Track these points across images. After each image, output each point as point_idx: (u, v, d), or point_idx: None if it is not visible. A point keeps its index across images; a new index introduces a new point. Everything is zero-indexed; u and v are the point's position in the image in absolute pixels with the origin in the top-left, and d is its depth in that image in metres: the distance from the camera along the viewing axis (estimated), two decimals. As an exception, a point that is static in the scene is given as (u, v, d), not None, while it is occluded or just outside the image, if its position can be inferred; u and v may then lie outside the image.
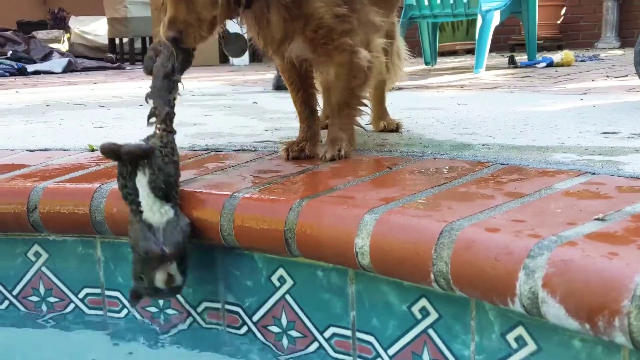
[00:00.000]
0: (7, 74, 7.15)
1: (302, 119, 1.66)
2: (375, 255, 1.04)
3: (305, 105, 1.65)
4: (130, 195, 1.18)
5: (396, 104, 2.96)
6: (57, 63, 7.85)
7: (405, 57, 2.12)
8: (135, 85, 4.85)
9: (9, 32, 8.87)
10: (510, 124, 2.11)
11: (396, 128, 2.07)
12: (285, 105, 1.94)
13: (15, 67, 7.25)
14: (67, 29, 13.04)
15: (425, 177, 1.34)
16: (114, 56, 10.51)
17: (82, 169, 1.56)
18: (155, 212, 1.16)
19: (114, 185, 1.36)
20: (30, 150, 1.87)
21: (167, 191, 1.19)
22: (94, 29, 12.34)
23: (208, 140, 1.97)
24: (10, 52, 8.03)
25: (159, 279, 1.14)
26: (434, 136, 1.94)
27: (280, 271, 1.25)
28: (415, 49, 7.07)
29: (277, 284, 1.26)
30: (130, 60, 10.76)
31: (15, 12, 14.09)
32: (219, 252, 1.31)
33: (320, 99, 1.79)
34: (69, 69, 7.79)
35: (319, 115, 1.72)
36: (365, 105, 1.67)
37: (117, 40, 11.13)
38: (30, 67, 7.46)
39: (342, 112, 1.58)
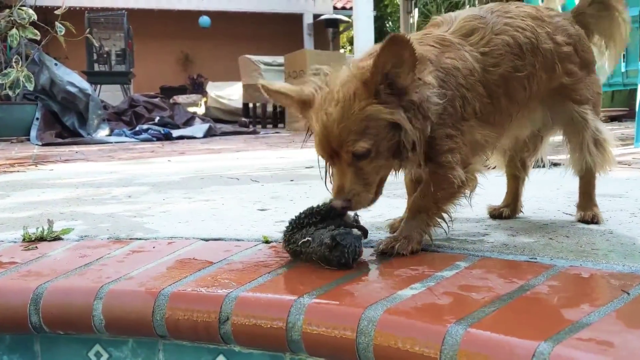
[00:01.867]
0: (154, 138, 7.61)
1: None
2: None
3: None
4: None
5: (566, 187, 2.71)
6: (198, 128, 8.27)
7: (607, 142, 1.90)
8: (277, 155, 4.91)
9: (156, 99, 9.54)
10: None
11: (591, 220, 1.92)
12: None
13: (162, 132, 7.71)
14: (204, 94, 13.91)
15: (682, 311, 1.10)
16: (247, 120, 10.96)
17: (267, 269, 1.46)
18: None
19: (311, 299, 1.25)
20: (205, 240, 1.82)
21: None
22: (229, 93, 13.05)
23: (384, 233, 1.84)
24: (157, 117, 8.59)
25: None
26: (648, 241, 1.68)
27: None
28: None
29: None
30: (262, 124, 11.18)
31: (159, 78, 15.30)
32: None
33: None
34: (209, 133, 8.17)
35: None
36: (444, 219, 1.63)
37: (250, 105, 11.64)
38: (175, 133, 7.90)
39: (418, 215, 1.59)
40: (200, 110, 13.50)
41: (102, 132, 8.10)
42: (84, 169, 4.47)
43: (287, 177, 3.48)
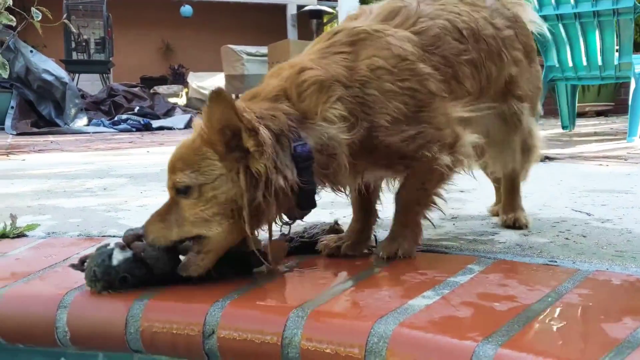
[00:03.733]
0: (134, 129, 7.37)
1: (355, 218, 1.54)
2: None
3: (360, 208, 1.53)
4: None
5: (567, 182, 2.58)
6: (179, 119, 8.04)
7: (536, 147, 1.78)
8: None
9: (136, 89, 9.26)
10: None
11: (512, 224, 1.74)
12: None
13: (142, 122, 7.47)
14: (185, 84, 13.61)
15: None
16: (229, 111, 10.71)
17: (259, 272, 1.29)
18: None
19: (311, 309, 1.08)
20: (186, 238, 1.65)
21: None
22: (211, 84, 12.75)
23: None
24: (137, 107, 8.34)
25: None
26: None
27: None
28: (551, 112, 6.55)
29: None
30: (246, 115, 10.94)
31: (140, 68, 14.95)
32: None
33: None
34: (190, 124, 7.94)
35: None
36: (435, 203, 1.48)
37: (232, 96, 11.40)
38: (155, 123, 7.67)
39: (411, 209, 1.45)
40: (182, 101, 13.23)
41: (80, 122, 7.81)
42: (58, 160, 4.25)
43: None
